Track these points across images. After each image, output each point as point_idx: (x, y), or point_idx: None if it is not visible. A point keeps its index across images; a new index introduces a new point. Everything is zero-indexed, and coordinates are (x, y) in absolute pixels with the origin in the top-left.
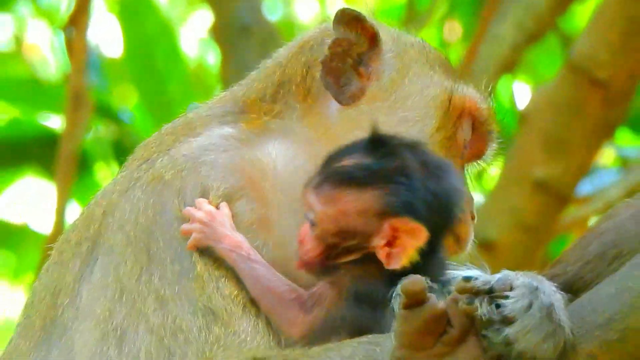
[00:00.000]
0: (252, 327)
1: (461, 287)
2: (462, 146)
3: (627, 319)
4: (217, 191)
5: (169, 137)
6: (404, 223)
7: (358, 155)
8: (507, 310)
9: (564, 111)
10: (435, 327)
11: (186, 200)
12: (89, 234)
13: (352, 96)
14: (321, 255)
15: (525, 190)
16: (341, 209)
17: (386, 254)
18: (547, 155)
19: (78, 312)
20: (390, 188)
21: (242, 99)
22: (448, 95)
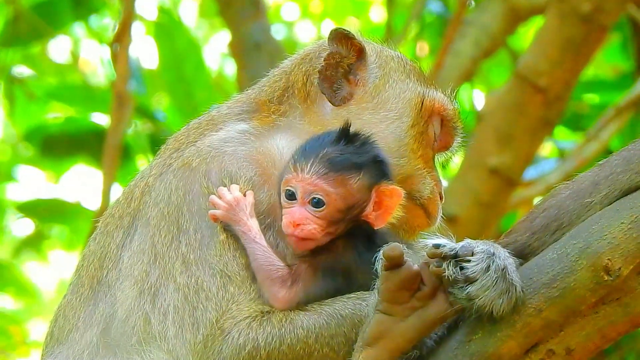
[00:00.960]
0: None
1: (432, 252)
2: (432, 140)
3: (567, 278)
4: (244, 178)
5: (195, 131)
6: (384, 187)
7: (341, 146)
8: (469, 272)
9: (512, 111)
10: (411, 285)
11: (212, 181)
12: (130, 210)
13: (343, 99)
14: (324, 231)
15: (482, 175)
16: (349, 188)
17: (374, 217)
18: (499, 147)
19: (120, 273)
20: (373, 165)
21: (254, 100)
22: (421, 98)
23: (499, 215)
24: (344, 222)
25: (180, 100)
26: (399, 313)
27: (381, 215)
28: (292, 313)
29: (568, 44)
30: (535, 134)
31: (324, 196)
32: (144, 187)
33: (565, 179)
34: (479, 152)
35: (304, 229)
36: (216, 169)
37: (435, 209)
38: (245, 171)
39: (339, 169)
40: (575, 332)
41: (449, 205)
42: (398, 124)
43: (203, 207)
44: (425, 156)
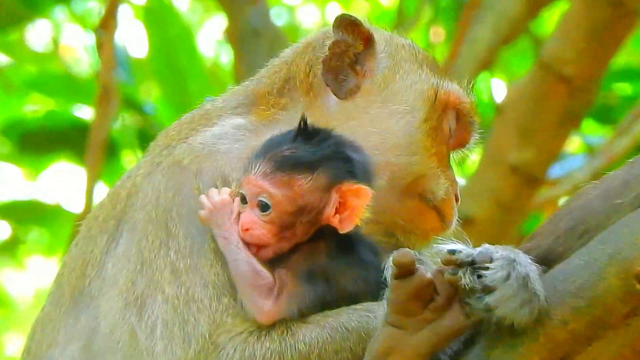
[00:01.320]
0: None
1: (446, 259)
2: (447, 136)
3: (595, 287)
4: (238, 180)
5: (187, 126)
6: (348, 186)
7: (297, 143)
8: (488, 280)
9: (535, 104)
10: (424, 295)
11: (203, 181)
12: (115, 212)
13: (349, 91)
14: (275, 237)
15: (502, 174)
16: (297, 190)
17: (338, 220)
18: (521, 143)
19: (104, 282)
20: (332, 164)
21: (252, 93)
22: (434, 90)
23: (520, 218)
24: (301, 225)
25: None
26: (410, 326)
27: (347, 217)
28: (293, 326)
29: (596, 29)
30: (561, 127)
31: (268, 198)
32: (131, 188)
33: (593, 177)
34: (498, 148)
35: (253, 234)
36: (208, 168)
37: (450, 212)
38: (240, 172)
39: (286, 168)
40: (604, 346)
41: (465, 206)
42: (409, 119)
43: (194, 209)
44: (439, 154)
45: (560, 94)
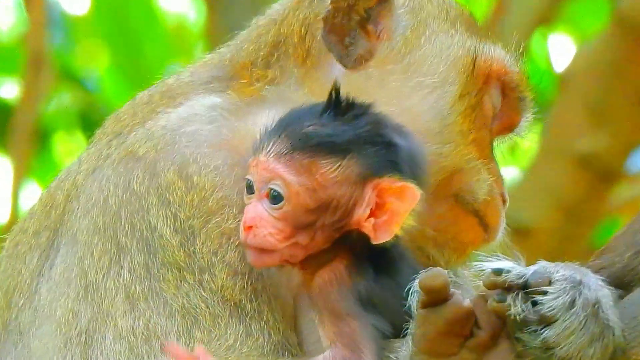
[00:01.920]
0: (243, 329)
1: (491, 281)
2: (490, 117)
3: None
4: (206, 168)
5: (144, 108)
6: (389, 183)
7: (324, 119)
8: (546, 308)
9: (612, 73)
10: (460, 329)
11: (158, 177)
12: (50, 222)
13: (358, 59)
14: (286, 240)
15: (567, 166)
16: (320, 178)
17: (372, 225)
18: (592, 126)
19: (36, 314)
20: (370, 149)
21: (230, 63)
22: (472, 57)
23: (589, 225)
24: (322, 228)
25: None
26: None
27: (384, 224)
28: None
29: None
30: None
31: (282, 187)
32: (70, 189)
33: None
34: (562, 133)
35: (257, 234)
36: (168, 157)
37: (495, 218)
38: (209, 159)
39: (308, 148)
40: None
41: (518, 211)
42: (440, 95)
43: (152, 215)
44: (480, 141)
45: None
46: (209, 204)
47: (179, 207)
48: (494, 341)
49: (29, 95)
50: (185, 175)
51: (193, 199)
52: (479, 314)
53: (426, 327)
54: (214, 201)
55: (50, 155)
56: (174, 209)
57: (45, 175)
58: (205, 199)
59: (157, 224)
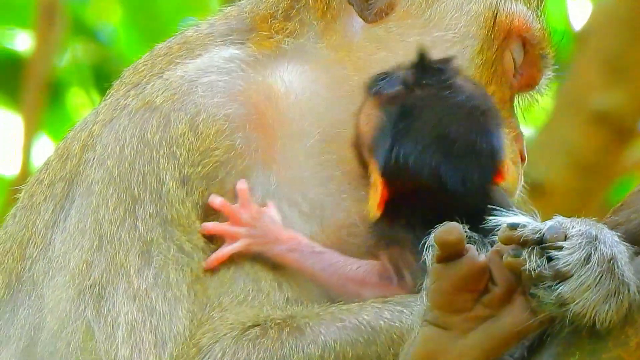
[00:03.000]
0: (252, 285)
1: (506, 236)
2: (510, 72)
3: None
4: (214, 117)
5: (163, 59)
6: (375, 167)
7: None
8: (561, 264)
9: (629, 30)
10: (475, 284)
11: (170, 128)
12: (65, 173)
13: (379, 12)
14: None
15: (582, 124)
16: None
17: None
18: (608, 82)
19: (50, 264)
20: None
21: (250, 15)
22: (493, 11)
23: (606, 183)
24: None
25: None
26: (457, 326)
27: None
28: (302, 321)
29: None
30: None
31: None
32: (86, 140)
33: None
34: (578, 89)
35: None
36: (182, 107)
37: (513, 174)
38: (220, 108)
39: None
40: None
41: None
42: (459, 50)
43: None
44: (499, 96)
45: None
46: (215, 152)
47: (185, 159)
48: (508, 297)
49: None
50: (195, 125)
51: (199, 148)
52: (493, 270)
53: (440, 282)
54: (219, 150)
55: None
56: (181, 162)
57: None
58: (211, 149)
59: (165, 177)
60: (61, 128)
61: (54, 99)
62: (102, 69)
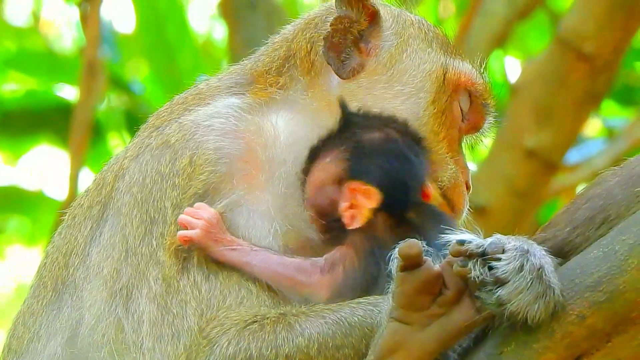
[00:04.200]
0: (246, 289)
1: (455, 250)
2: (459, 119)
3: (615, 280)
4: (207, 151)
5: (179, 107)
6: (358, 185)
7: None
8: (500, 272)
9: (553, 83)
10: (431, 288)
11: (176, 162)
12: (101, 198)
13: (352, 70)
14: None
15: (517, 158)
16: (313, 179)
17: (349, 215)
18: (537, 125)
19: (88, 271)
20: (346, 157)
21: (250, 72)
22: (443, 70)
23: (535, 206)
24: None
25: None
26: (417, 321)
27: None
28: (291, 318)
29: (618, 2)
30: (580, 109)
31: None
32: (118, 171)
33: (613, 163)
34: (513, 131)
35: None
36: (188, 145)
37: (460, 200)
38: (212, 143)
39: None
40: (625, 343)
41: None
42: (415, 100)
43: (175, 192)
44: (449, 138)
45: (580, 73)
46: (200, 177)
47: (182, 187)
48: (458, 298)
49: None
50: (193, 159)
51: (192, 176)
52: (446, 276)
53: (403, 286)
54: (204, 174)
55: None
56: (179, 191)
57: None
58: (198, 174)
59: (167, 203)
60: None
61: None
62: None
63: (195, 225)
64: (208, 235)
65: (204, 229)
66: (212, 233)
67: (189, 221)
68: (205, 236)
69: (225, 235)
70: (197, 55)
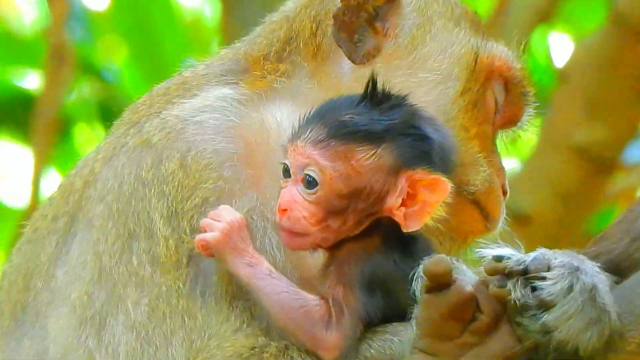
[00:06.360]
0: (249, 313)
1: (492, 267)
2: (492, 112)
3: None
4: (204, 153)
5: (160, 99)
6: (422, 175)
7: (360, 108)
8: (545, 294)
9: (608, 68)
10: (463, 313)
11: (162, 166)
12: (68, 208)
13: (366, 54)
14: (318, 224)
15: (565, 157)
16: (354, 165)
17: (403, 214)
18: (589, 118)
19: (53, 295)
20: (404, 141)
21: (244, 57)
22: (474, 53)
23: (587, 214)
24: (353, 213)
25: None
26: (446, 353)
27: (415, 213)
28: (295, 352)
29: None
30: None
31: (317, 172)
32: (88, 176)
33: None
34: (560, 125)
35: (291, 216)
36: (176, 146)
37: (495, 207)
38: (209, 143)
39: (344, 136)
40: None
41: (517, 200)
42: (442, 90)
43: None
44: (482, 134)
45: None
46: (204, 185)
47: (174, 197)
48: (495, 325)
49: (51, 87)
50: (185, 163)
51: (189, 184)
52: (480, 299)
53: (429, 311)
54: (209, 182)
55: (70, 144)
56: (169, 200)
57: (65, 164)
58: (201, 182)
59: (154, 215)
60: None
61: (62, 135)
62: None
63: (215, 227)
64: (227, 242)
65: (225, 232)
66: (233, 240)
67: (209, 223)
68: (224, 241)
69: (247, 246)
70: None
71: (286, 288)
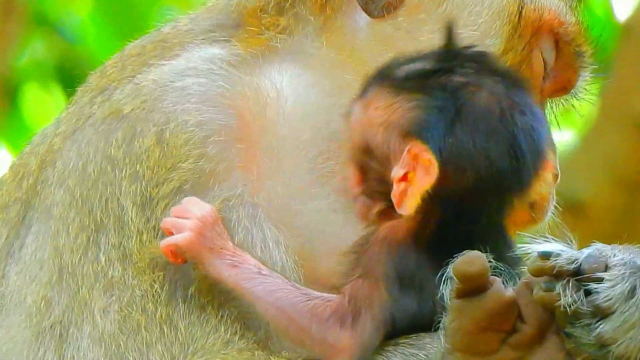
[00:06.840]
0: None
1: (537, 267)
2: (540, 76)
3: None
4: (185, 126)
5: (134, 60)
6: (422, 150)
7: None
8: (602, 299)
9: None
10: (502, 323)
11: (136, 142)
12: (21, 194)
13: (386, 6)
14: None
15: (627, 133)
16: (370, 116)
17: (400, 191)
18: None
19: (3, 301)
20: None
21: (236, 9)
22: (518, 5)
23: None
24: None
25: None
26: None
27: (408, 194)
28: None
29: None
30: None
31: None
32: (45, 155)
33: None
34: (622, 93)
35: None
36: (152, 117)
37: (543, 195)
38: (192, 115)
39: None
40: None
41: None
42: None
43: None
44: None
45: None
46: (183, 165)
47: (149, 180)
48: (540, 337)
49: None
50: (162, 138)
51: (165, 164)
52: (523, 306)
53: (461, 320)
54: (188, 161)
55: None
56: (143, 185)
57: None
58: (179, 161)
59: (125, 203)
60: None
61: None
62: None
63: (182, 227)
64: (200, 241)
65: (196, 230)
66: (207, 238)
67: (174, 223)
68: (197, 241)
69: (225, 243)
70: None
71: (282, 285)
